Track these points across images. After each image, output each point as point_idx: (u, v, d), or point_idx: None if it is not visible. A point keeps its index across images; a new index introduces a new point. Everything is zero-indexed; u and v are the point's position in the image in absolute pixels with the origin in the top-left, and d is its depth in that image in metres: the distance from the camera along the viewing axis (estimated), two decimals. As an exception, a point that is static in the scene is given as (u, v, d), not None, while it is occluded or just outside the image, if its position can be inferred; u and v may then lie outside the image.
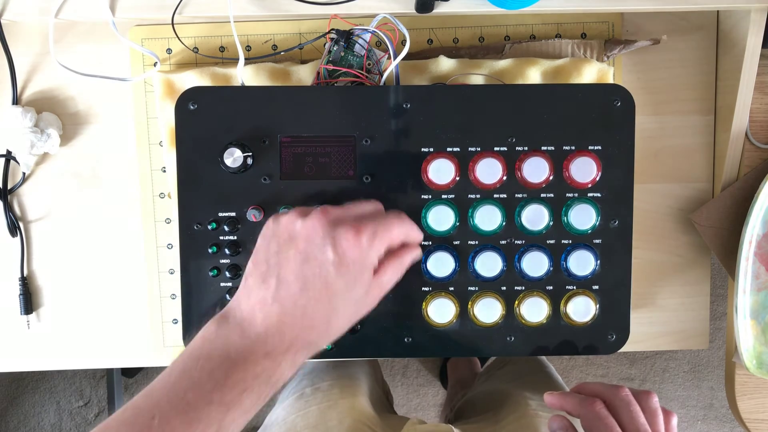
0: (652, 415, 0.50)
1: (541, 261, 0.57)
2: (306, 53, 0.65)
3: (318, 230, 0.43)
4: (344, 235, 0.43)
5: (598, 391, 0.52)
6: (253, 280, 0.44)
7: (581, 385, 0.54)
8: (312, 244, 0.43)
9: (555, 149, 0.57)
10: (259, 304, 0.43)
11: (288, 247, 0.44)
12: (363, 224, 0.44)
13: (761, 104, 0.65)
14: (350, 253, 0.43)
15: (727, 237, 0.64)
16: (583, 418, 0.50)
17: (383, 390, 0.96)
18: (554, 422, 0.52)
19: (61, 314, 0.68)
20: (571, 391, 0.54)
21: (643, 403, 0.51)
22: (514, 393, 0.77)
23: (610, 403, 0.50)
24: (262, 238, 0.46)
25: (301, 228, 0.44)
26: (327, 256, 0.43)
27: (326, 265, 0.43)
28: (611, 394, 0.51)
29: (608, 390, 0.51)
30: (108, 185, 0.67)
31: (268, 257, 0.44)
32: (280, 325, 0.42)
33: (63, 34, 0.65)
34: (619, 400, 0.50)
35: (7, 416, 1.57)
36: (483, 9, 0.58)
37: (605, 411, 0.49)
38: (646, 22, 0.65)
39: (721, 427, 1.60)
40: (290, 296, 0.43)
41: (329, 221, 0.44)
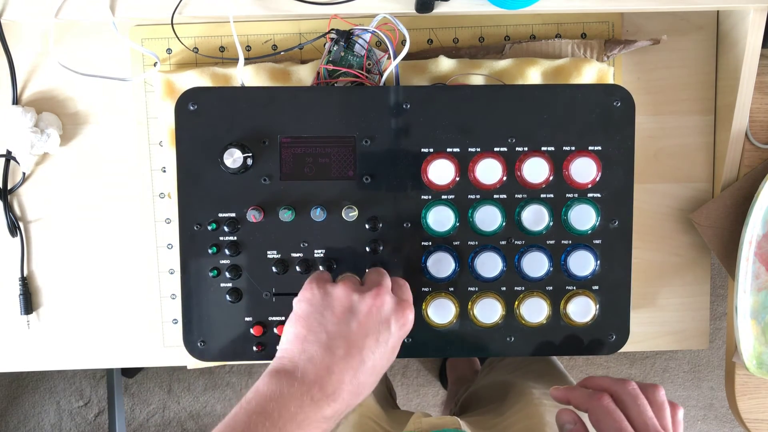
0: (659, 408, 0.50)
1: (541, 261, 0.57)
2: (306, 53, 0.65)
3: (380, 309, 0.48)
4: (401, 312, 0.49)
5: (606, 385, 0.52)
6: (313, 346, 0.46)
7: (588, 379, 0.54)
8: (375, 321, 0.48)
9: (555, 149, 0.57)
10: (326, 370, 0.45)
11: (349, 318, 0.47)
12: (406, 297, 0.51)
13: (761, 104, 0.65)
14: (405, 326, 0.49)
15: (727, 237, 0.64)
16: (591, 412, 0.50)
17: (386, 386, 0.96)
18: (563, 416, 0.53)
19: (61, 314, 0.68)
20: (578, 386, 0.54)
21: (650, 396, 0.51)
22: (518, 382, 0.77)
23: (617, 397, 0.51)
24: (308, 304, 0.49)
25: (360, 304, 0.48)
26: (390, 330, 0.48)
27: (387, 339, 0.48)
28: (618, 388, 0.51)
29: (615, 384, 0.51)
30: (108, 185, 0.67)
31: (324, 325, 0.47)
32: (340, 393, 0.45)
33: (63, 34, 0.65)
34: (626, 393, 0.50)
35: (7, 416, 1.57)
36: (483, 9, 0.58)
37: (613, 405, 0.50)
38: (646, 22, 0.65)
39: (721, 427, 1.60)
40: (353, 368, 0.46)
41: (389, 298, 0.49)
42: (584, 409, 0.51)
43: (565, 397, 0.53)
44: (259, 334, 0.58)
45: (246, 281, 0.58)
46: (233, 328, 0.58)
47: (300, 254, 0.57)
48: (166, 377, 1.55)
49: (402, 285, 0.53)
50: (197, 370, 1.53)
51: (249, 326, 0.58)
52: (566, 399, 0.53)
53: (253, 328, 0.58)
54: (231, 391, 1.55)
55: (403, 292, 0.52)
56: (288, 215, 0.56)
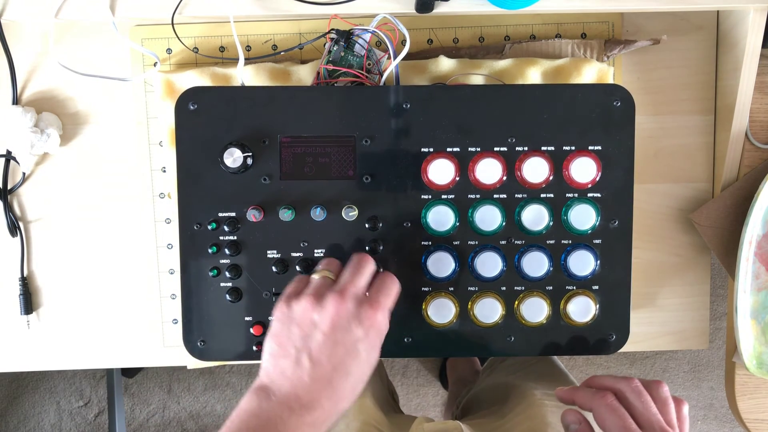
0: (663, 404, 0.50)
1: (541, 261, 0.57)
2: (306, 53, 0.65)
3: (342, 315, 0.48)
4: (365, 315, 0.48)
5: (609, 384, 0.52)
6: (285, 362, 0.48)
7: (591, 378, 0.54)
8: (339, 330, 0.48)
9: (555, 149, 0.57)
10: (299, 381, 0.47)
11: (313, 332, 0.48)
12: (376, 297, 0.50)
13: (761, 104, 0.65)
14: (374, 328, 0.49)
15: (727, 237, 0.64)
16: (595, 410, 0.51)
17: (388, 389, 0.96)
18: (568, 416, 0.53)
19: (61, 314, 0.68)
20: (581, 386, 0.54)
21: (654, 392, 0.51)
22: (519, 384, 0.77)
23: (621, 394, 0.51)
24: (278, 322, 0.50)
25: (321, 316, 0.48)
26: (356, 335, 0.48)
27: (355, 344, 0.48)
28: (622, 385, 0.51)
29: (618, 382, 0.52)
30: (108, 185, 0.67)
31: (293, 340, 0.48)
32: (319, 401, 0.47)
33: (63, 34, 0.65)
34: (630, 391, 0.50)
35: (7, 416, 1.57)
36: (483, 9, 0.58)
37: (617, 402, 0.50)
38: (646, 22, 0.65)
39: (721, 427, 1.60)
40: (325, 376, 0.47)
41: (348, 306, 0.48)
42: (588, 408, 0.52)
43: (569, 397, 0.54)
44: (259, 333, 0.58)
45: (246, 281, 0.58)
46: (233, 328, 0.58)
47: (300, 254, 0.57)
48: (166, 377, 1.55)
49: (381, 284, 0.52)
50: (197, 370, 1.53)
51: (249, 326, 0.58)
52: (570, 399, 0.53)
53: (253, 328, 0.58)
54: (231, 391, 1.55)
55: (377, 291, 0.51)
56: (288, 215, 0.56)
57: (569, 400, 0.54)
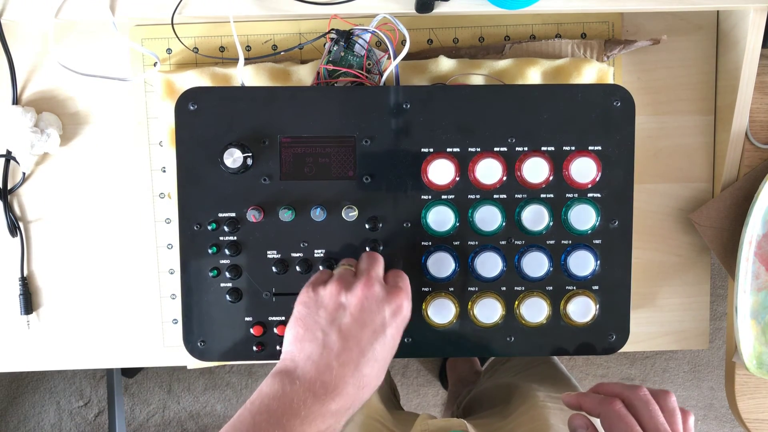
0: (670, 414, 0.50)
1: (541, 261, 0.57)
2: (306, 53, 0.65)
3: (370, 297, 0.48)
4: (392, 297, 0.49)
5: (617, 391, 0.52)
6: (312, 345, 0.47)
7: (599, 385, 0.54)
8: (368, 312, 0.48)
9: (555, 149, 0.57)
10: (325, 366, 0.46)
11: (341, 315, 0.48)
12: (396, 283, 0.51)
13: (761, 104, 0.65)
14: (400, 311, 0.49)
15: (727, 237, 0.64)
16: (603, 417, 0.51)
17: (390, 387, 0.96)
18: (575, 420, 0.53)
19: (61, 314, 0.68)
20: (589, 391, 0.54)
21: (662, 402, 0.51)
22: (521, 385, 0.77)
23: (629, 402, 0.51)
24: (304, 306, 0.50)
25: (349, 299, 0.48)
26: (383, 317, 0.48)
27: (383, 326, 0.48)
28: (630, 393, 0.51)
29: (627, 390, 0.52)
30: (108, 185, 0.67)
31: (319, 324, 0.48)
32: (345, 387, 0.46)
33: (63, 34, 0.65)
34: (637, 399, 0.51)
35: (7, 416, 1.57)
36: (483, 9, 0.58)
37: (625, 410, 0.50)
38: (646, 22, 0.65)
39: (721, 427, 1.60)
40: (352, 359, 0.46)
41: (377, 289, 0.49)
42: (596, 414, 0.52)
43: (576, 402, 0.54)
44: (259, 334, 0.58)
45: (246, 281, 0.58)
46: (233, 328, 0.58)
47: (300, 254, 0.57)
48: (166, 377, 1.55)
49: (397, 273, 0.53)
50: (197, 370, 1.53)
51: (249, 326, 0.58)
52: (578, 404, 0.54)
53: (253, 328, 0.58)
54: (231, 391, 1.55)
55: (396, 280, 0.52)
56: (288, 215, 0.56)
57: (576, 405, 0.54)
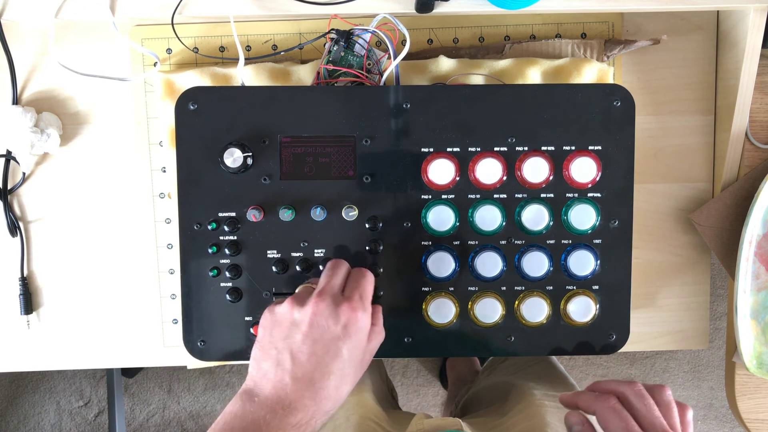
0: (666, 408, 0.50)
1: (541, 261, 0.57)
2: (306, 53, 0.65)
3: (319, 313, 0.49)
4: (342, 312, 0.49)
5: (612, 388, 0.52)
6: (267, 364, 0.49)
7: (594, 383, 0.54)
8: (317, 328, 0.49)
9: (555, 149, 0.57)
10: (279, 383, 0.48)
11: (293, 332, 0.49)
12: (352, 295, 0.51)
13: (761, 104, 0.65)
14: (354, 325, 0.49)
15: (727, 237, 0.64)
16: (599, 413, 0.51)
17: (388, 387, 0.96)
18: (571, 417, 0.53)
19: (61, 314, 0.68)
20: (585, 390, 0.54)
21: (657, 396, 0.51)
22: (519, 384, 0.77)
23: (624, 398, 0.51)
24: (263, 329, 0.51)
25: (301, 315, 0.49)
26: (334, 333, 0.49)
27: (335, 342, 0.49)
28: (625, 389, 0.51)
29: (622, 386, 0.52)
30: (108, 185, 0.67)
31: (274, 343, 0.49)
32: (301, 400, 0.47)
33: (63, 34, 0.65)
34: (633, 394, 0.51)
35: (7, 416, 1.57)
36: (483, 9, 0.58)
37: (620, 405, 0.50)
38: (646, 22, 0.65)
39: (721, 427, 1.60)
40: (305, 375, 0.48)
41: (326, 304, 0.49)
42: (592, 411, 0.52)
43: (573, 400, 0.54)
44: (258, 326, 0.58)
45: (246, 281, 0.58)
46: (233, 328, 0.58)
47: (300, 254, 0.57)
48: (166, 377, 1.55)
49: (356, 283, 0.52)
50: (197, 370, 1.53)
51: (249, 326, 0.58)
52: (574, 402, 0.54)
53: (253, 328, 0.58)
54: (231, 391, 1.55)
55: (352, 290, 0.51)
56: (288, 215, 0.56)
57: (573, 403, 0.54)
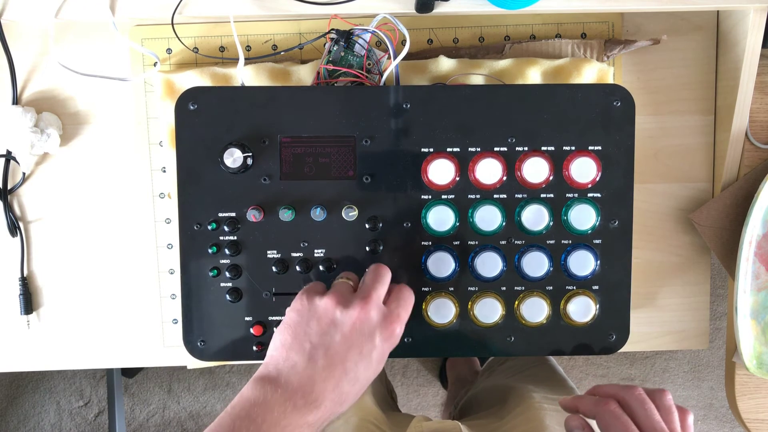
0: (666, 412, 0.50)
1: (541, 261, 0.57)
2: (306, 53, 0.65)
3: (364, 321, 0.48)
4: (386, 326, 0.49)
5: (612, 392, 0.52)
6: (298, 356, 0.47)
7: (595, 387, 0.54)
8: (359, 334, 0.48)
9: (555, 149, 0.57)
10: (308, 379, 0.47)
11: (332, 331, 0.48)
12: (397, 311, 0.50)
13: (761, 104, 0.65)
14: (390, 340, 0.49)
15: (727, 237, 0.64)
16: (599, 417, 0.51)
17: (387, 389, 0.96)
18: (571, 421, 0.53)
19: (61, 314, 0.68)
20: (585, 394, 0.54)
21: (657, 401, 0.51)
22: (518, 386, 0.77)
23: (624, 402, 0.51)
24: (297, 314, 0.50)
25: (344, 316, 0.48)
26: (373, 344, 0.48)
27: (370, 352, 0.48)
28: (625, 393, 0.51)
29: (622, 390, 0.52)
30: (108, 185, 0.67)
31: (309, 335, 0.48)
32: (324, 401, 0.46)
33: (63, 34, 0.65)
34: (633, 399, 0.51)
35: (7, 416, 1.57)
36: (483, 9, 0.58)
37: (620, 410, 0.50)
38: (646, 22, 0.65)
39: (721, 427, 1.60)
40: (335, 377, 0.47)
41: (372, 314, 0.49)
42: (592, 415, 0.52)
43: (573, 405, 0.54)
44: (259, 333, 0.58)
45: (246, 281, 0.58)
46: (233, 328, 0.58)
47: (300, 254, 0.57)
48: (166, 377, 1.55)
49: (399, 296, 0.52)
50: (197, 370, 1.53)
51: (249, 326, 0.58)
52: (575, 407, 0.54)
53: (253, 328, 0.58)
54: (231, 391, 1.55)
55: (397, 304, 0.51)
56: (288, 215, 0.56)
57: (573, 407, 0.54)
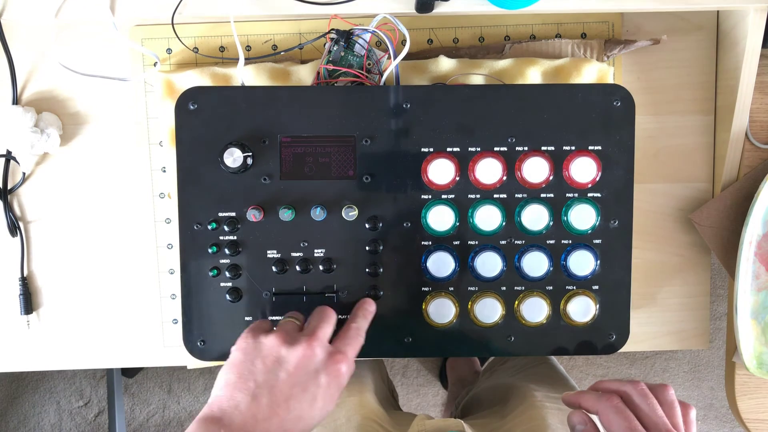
0: (669, 407, 0.50)
1: (541, 261, 0.57)
2: (306, 53, 0.65)
3: (309, 358, 0.48)
4: (331, 365, 0.49)
5: (615, 387, 0.52)
6: (242, 395, 0.47)
7: (597, 383, 0.54)
8: (304, 372, 0.48)
9: (555, 149, 0.57)
10: (252, 419, 0.46)
11: (277, 369, 0.48)
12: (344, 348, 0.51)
13: (761, 104, 0.65)
14: (336, 380, 0.49)
15: (727, 237, 0.64)
16: (601, 413, 0.51)
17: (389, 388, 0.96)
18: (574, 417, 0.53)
19: (61, 314, 0.68)
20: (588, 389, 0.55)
21: (660, 396, 0.51)
22: (519, 385, 0.77)
23: (626, 397, 0.51)
24: (242, 353, 0.49)
25: (289, 355, 0.48)
26: (318, 383, 0.48)
27: (315, 391, 0.48)
28: (628, 388, 0.51)
29: (624, 385, 0.52)
30: (108, 185, 0.67)
31: (254, 374, 0.48)
32: None
33: (63, 34, 0.65)
34: (635, 394, 0.51)
35: (7, 416, 1.57)
36: (483, 9, 0.58)
37: (622, 405, 0.50)
38: (646, 22, 0.65)
39: (721, 427, 1.60)
40: (279, 416, 0.47)
41: (317, 351, 0.49)
42: (594, 410, 0.52)
43: (575, 400, 0.54)
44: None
45: (246, 281, 0.58)
46: (233, 328, 0.58)
47: (300, 254, 0.57)
48: (166, 377, 1.55)
49: (346, 335, 0.52)
50: (197, 370, 1.53)
51: (249, 326, 0.58)
52: (577, 402, 0.54)
53: (253, 328, 0.58)
54: (231, 391, 1.55)
55: (344, 343, 0.51)
56: (288, 215, 0.56)
57: (575, 403, 0.54)
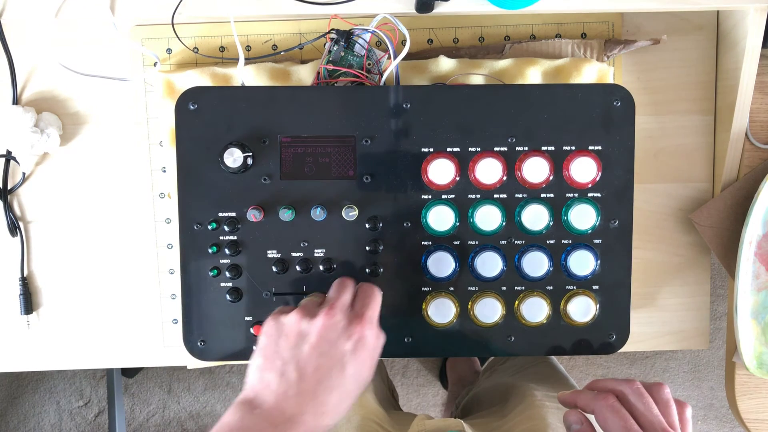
0: (664, 405, 0.50)
1: (541, 261, 0.57)
2: (306, 53, 0.65)
3: (330, 327, 0.48)
4: (353, 329, 0.49)
5: (611, 386, 0.52)
6: (271, 374, 0.48)
7: (593, 382, 0.55)
8: (327, 341, 0.48)
9: (555, 149, 0.57)
10: (283, 395, 0.47)
11: (300, 343, 0.48)
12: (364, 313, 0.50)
13: (761, 104, 0.65)
14: (361, 343, 0.49)
15: (727, 237, 0.64)
16: (597, 412, 0.51)
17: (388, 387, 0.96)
18: (570, 416, 0.53)
19: (61, 314, 0.68)
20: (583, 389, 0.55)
21: (655, 394, 0.51)
22: (519, 385, 0.77)
23: (622, 396, 0.51)
24: (266, 336, 0.50)
25: (310, 327, 0.49)
26: (343, 349, 0.48)
27: (342, 358, 0.48)
28: (623, 387, 0.51)
29: (620, 384, 0.52)
30: (108, 185, 0.67)
31: (279, 353, 0.49)
32: (302, 415, 0.46)
33: (63, 34, 0.65)
34: (631, 393, 0.51)
35: (7, 416, 1.57)
36: (483, 9, 0.59)
37: (618, 404, 0.50)
38: (646, 22, 0.65)
39: (721, 427, 1.60)
40: (310, 389, 0.47)
41: (338, 319, 0.49)
42: (590, 410, 0.52)
43: (572, 399, 0.54)
44: (259, 333, 0.58)
45: (246, 281, 0.58)
46: (233, 328, 0.58)
47: (300, 254, 0.57)
48: (166, 377, 1.55)
49: (365, 298, 0.52)
50: (197, 370, 1.53)
51: (249, 326, 0.58)
52: (573, 402, 0.54)
53: (253, 328, 0.58)
54: (231, 391, 1.55)
55: (362, 304, 0.51)
56: (288, 215, 0.56)
57: (572, 402, 0.54)
